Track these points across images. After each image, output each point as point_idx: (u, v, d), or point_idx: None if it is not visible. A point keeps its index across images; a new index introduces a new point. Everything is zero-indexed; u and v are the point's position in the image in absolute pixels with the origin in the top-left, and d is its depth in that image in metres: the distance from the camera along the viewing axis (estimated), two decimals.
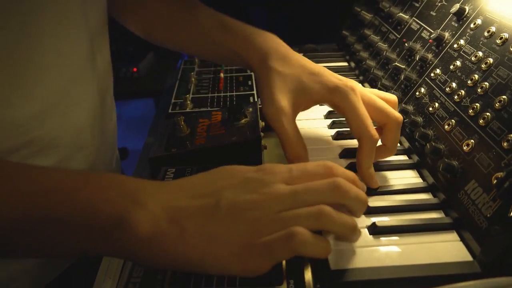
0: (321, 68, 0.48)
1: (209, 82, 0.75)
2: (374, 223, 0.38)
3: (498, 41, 0.42)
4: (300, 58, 0.49)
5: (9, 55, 0.38)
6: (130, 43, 1.88)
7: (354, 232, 0.34)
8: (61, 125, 0.44)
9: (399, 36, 0.62)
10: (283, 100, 0.45)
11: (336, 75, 0.48)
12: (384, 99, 0.46)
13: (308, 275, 0.35)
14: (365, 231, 0.39)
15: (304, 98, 0.46)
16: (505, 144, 0.36)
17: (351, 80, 0.46)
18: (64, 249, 0.33)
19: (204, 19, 0.55)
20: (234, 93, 0.70)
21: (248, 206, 0.32)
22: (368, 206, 0.40)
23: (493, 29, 0.44)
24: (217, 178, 0.35)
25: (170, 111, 0.67)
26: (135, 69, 1.73)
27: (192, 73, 0.77)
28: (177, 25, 0.58)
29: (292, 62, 0.47)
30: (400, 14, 0.62)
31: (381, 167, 0.47)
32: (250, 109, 0.62)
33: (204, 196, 0.33)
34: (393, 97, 0.47)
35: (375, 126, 0.45)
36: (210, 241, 0.31)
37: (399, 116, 0.45)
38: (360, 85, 0.47)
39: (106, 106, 0.54)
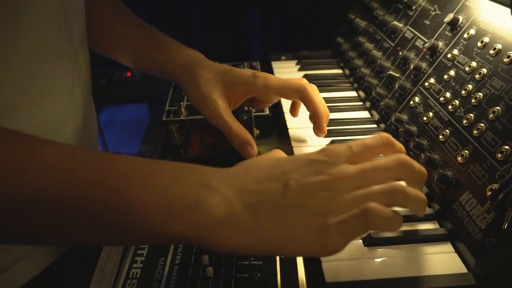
0: (234, 68, 0.55)
1: None
2: (369, 234, 0.38)
3: (492, 52, 0.42)
4: (217, 64, 0.55)
5: None
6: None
7: (425, 207, 0.34)
8: (41, 116, 0.44)
9: (393, 44, 0.62)
10: (216, 98, 0.51)
11: (247, 69, 0.55)
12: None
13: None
14: (360, 242, 0.38)
15: (232, 92, 0.52)
16: (499, 156, 0.36)
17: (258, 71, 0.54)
18: (136, 234, 0.32)
19: (139, 35, 0.60)
20: None
21: (318, 187, 0.32)
22: None
23: (486, 39, 0.44)
24: (281, 161, 0.35)
25: (164, 118, 0.67)
26: (129, 74, 1.72)
27: None
28: (115, 37, 0.61)
29: (212, 67, 0.54)
30: (394, 22, 0.62)
31: None
32: (245, 117, 0.62)
33: (272, 179, 0.33)
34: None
35: None
36: (284, 224, 0.31)
37: (302, 83, 0.52)
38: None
39: (87, 104, 0.55)
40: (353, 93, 0.68)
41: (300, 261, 0.38)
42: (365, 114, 0.62)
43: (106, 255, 0.43)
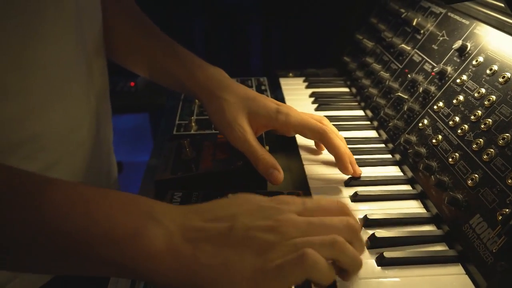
0: (258, 93, 0.56)
1: None
2: (382, 254, 0.39)
3: (501, 80, 0.44)
4: (241, 87, 0.55)
5: (10, 53, 0.39)
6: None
7: (359, 268, 0.35)
8: (57, 120, 0.46)
9: (401, 66, 0.64)
10: (242, 124, 0.51)
11: (270, 99, 0.56)
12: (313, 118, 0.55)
13: None
14: (372, 262, 0.39)
15: (255, 121, 0.53)
16: (509, 181, 0.37)
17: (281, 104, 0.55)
18: (76, 263, 0.33)
19: (159, 50, 0.60)
20: None
21: (263, 231, 0.33)
22: (376, 237, 0.41)
23: (495, 67, 0.46)
24: (232, 204, 0.36)
25: (174, 132, 0.68)
26: (132, 84, 1.74)
27: None
28: (136, 51, 0.62)
29: (235, 91, 0.54)
30: (402, 45, 0.64)
31: (385, 196, 0.48)
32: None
33: (220, 220, 0.34)
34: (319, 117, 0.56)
35: None
36: (224, 264, 0.32)
37: (321, 126, 0.53)
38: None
39: (102, 109, 0.56)
40: (361, 112, 0.70)
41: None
42: (373, 133, 0.63)
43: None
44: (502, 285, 0.34)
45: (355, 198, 0.48)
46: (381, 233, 0.42)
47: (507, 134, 0.40)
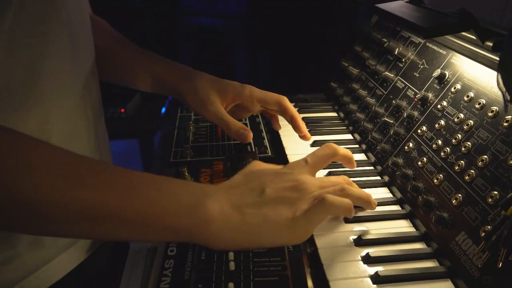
0: (222, 79, 0.65)
1: (206, 130, 0.79)
2: (376, 273, 0.42)
3: (477, 106, 0.48)
4: (208, 75, 0.65)
5: (22, 67, 0.45)
6: (116, 85, 1.93)
7: (369, 201, 0.49)
8: (58, 130, 0.51)
9: (385, 93, 0.68)
10: (214, 100, 0.61)
11: (234, 82, 0.65)
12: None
13: None
14: (368, 280, 0.42)
15: (224, 98, 0.63)
16: (489, 200, 0.41)
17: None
18: (150, 229, 0.41)
19: (136, 56, 0.69)
20: (232, 142, 0.73)
21: (287, 190, 0.44)
22: (369, 256, 0.44)
23: (471, 94, 0.50)
24: (256, 176, 0.47)
25: (171, 159, 0.70)
26: (122, 110, 1.76)
27: (190, 121, 0.81)
28: (113, 60, 0.70)
29: (205, 76, 0.64)
30: (386, 73, 0.68)
31: (376, 217, 0.51)
32: (251, 159, 0.66)
33: (252, 189, 0.45)
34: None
35: None
36: (264, 220, 0.42)
37: (279, 96, 0.64)
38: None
39: (98, 121, 0.62)
40: (349, 136, 0.73)
41: None
42: (361, 156, 0.67)
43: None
44: None
45: (348, 219, 0.50)
46: (375, 252, 0.44)
47: (485, 156, 0.44)
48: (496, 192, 0.40)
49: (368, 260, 0.44)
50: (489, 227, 0.39)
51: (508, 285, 0.36)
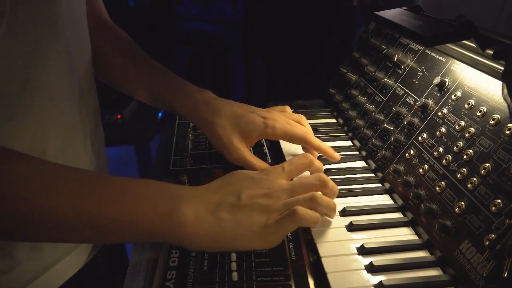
0: (244, 108, 0.64)
1: (205, 138, 0.78)
2: (381, 282, 0.41)
3: (478, 114, 0.48)
4: (227, 107, 0.63)
5: (17, 75, 0.45)
6: (113, 91, 1.92)
7: (334, 212, 0.51)
8: (55, 137, 0.52)
9: (385, 99, 0.68)
10: (238, 145, 0.61)
11: (257, 111, 0.64)
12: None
13: None
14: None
15: (246, 137, 0.62)
16: (493, 209, 0.41)
17: (264, 110, 0.65)
18: (126, 233, 0.44)
19: (153, 79, 0.68)
20: None
21: (261, 197, 0.46)
22: (373, 265, 0.44)
23: (472, 102, 0.50)
24: (233, 181, 0.49)
25: (171, 168, 0.70)
26: (119, 116, 1.75)
27: (189, 129, 0.81)
28: (132, 81, 0.70)
29: (225, 113, 0.62)
30: (385, 79, 0.68)
31: (378, 224, 0.51)
32: None
33: (228, 194, 0.47)
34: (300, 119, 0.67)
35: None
36: (238, 225, 0.45)
37: (302, 133, 0.63)
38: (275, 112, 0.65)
39: (94, 128, 0.62)
40: (349, 143, 0.73)
41: None
42: (361, 163, 0.67)
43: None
44: None
45: (351, 227, 0.50)
46: (378, 261, 0.44)
47: (487, 164, 0.44)
48: (499, 201, 0.40)
49: (372, 269, 0.44)
50: (493, 235, 0.39)
51: None
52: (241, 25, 2.04)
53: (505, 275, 0.36)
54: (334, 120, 0.82)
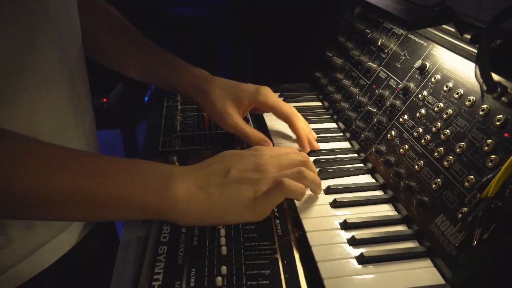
0: (238, 83, 0.67)
1: (193, 120, 0.80)
2: (362, 254, 0.44)
3: (455, 96, 0.50)
4: (222, 79, 0.66)
5: (8, 58, 0.46)
6: (98, 74, 1.90)
7: (319, 186, 0.54)
8: (49, 120, 0.52)
9: (369, 82, 0.70)
10: (231, 112, 0.63)
11: (249, 84, 0.67)
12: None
13: None
14: (354, 261, 0.44)
15: (240, 105, 0.64)
16: (466, 184, 0.43)
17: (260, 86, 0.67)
18: (120, 209, 0.45)
19: (149, 56, 0.70)
20: (219, 131, 0.75)
21: (250, 171, 0.49)
22: (355, 238, 0.46)
23: (450, 84, 0.52)
24: (222, 159, 0.51)
25: (160, 149, 0.71)
26: (105, 100, 1.74)
27: (177, 111, 0.82)
28: (128, 58, 0.71)
29: (219, 83, 0.65)
30: (369, 63, 0.70)
31: (360, 202, 0.54)
32: (239, 147, 0.68)
33: (218, 171, 0.49)
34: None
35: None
36: (228, 199, 0.47)
37: (289, 110, 0.65)
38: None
39: (85, 109, 0.63)
40: (333, 125, 0.75)
41: (303, 281, 0.43)
42: (346, 144, 0.69)
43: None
44: (464, 273, 0.39)
45: (335, 204, 0.53)
46: (360, 234, 0.47)
47: (462, 143, 0.46)
48: (472, 177, 0.43)
49: (354, 242, 0.46)
50: (466, 209, 0.41)
51: (481, 261, 0.38)
52: (228, 9, 2.03)
53: (474, 243, 0.38)
54: (319, 103, 0.84)
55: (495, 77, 0.43)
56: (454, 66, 0.53)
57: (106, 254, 0.68)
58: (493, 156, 0.42)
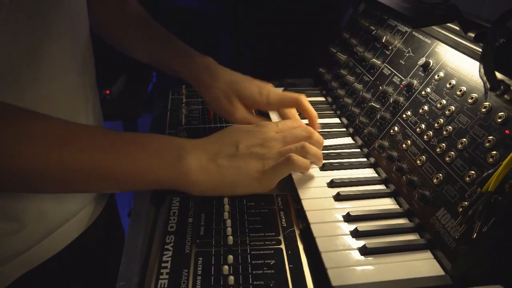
0: (242, 76, 0.67)
1: (198, 113, 0.81)
2: (364, 245, 0.45)
3: (458, 93, 0.51)
4: (227, 73, 0.66)
5: (23, 46, 0.47)
6: (101, 66, 1.90)
7: (320, 159, 0.57)
8: (62, 107, 0.54)
9: (372, 79, 0.71)
10: (237, 105, 0.64)
11: (254, 81, 0.67)
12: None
13: None
14: (356, 252, 0.46)
15: (243, 101, 0.65)
16: (467, 179, 0.45)
17: (262, 81, 0.68)
18: (136, 181, 0.48)
19: (158, 42, 0.71)
20: (224, 124, 0.76)
21: (257, 146, 0.52)
22: (357, 230, 0.48)
23: (453, 82, 0.53)
24: (231, 133, 0.54)
25: None
26: (107, 92, 1.74)
27: (182, 104, 0.83)
28: (137, 42, 0.73)
29: (224, 77, 0.65)
30: (373, 60, 0.71)
31: (363, 195, 0.55)
32: None
33: (227, 145, 0.52)
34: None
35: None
36: (237, 171, 0.50)
37: (296, 96, 0.66)
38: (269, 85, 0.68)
39: (95, 98, 0.65)
40: (337, 120, 0.76)
41: (307, 270, 0.44)
42: (348, 139, 0.70)
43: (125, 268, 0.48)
44: (463, 265, 0.41)
45: (338, 197, 0.54)
46: (362, 227, 0.48)
47: (464, 139, 0.48)
48: (473, 172, 0.44)
49: (356, 234, 0.48)
50: (466, 203, 0.43)
51: (480, 253, 0.40)
52: (229, 2, 2.03)
53: (474, 236, 0.40)
54: (323, 99, 0.85)
55: (498, 75, 0.44)
56: (458, 64, 0.54)
57: (111, 241, 0.70)
58: (494, 152, 0.43)
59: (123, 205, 1.11)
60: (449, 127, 0.50)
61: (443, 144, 0.50)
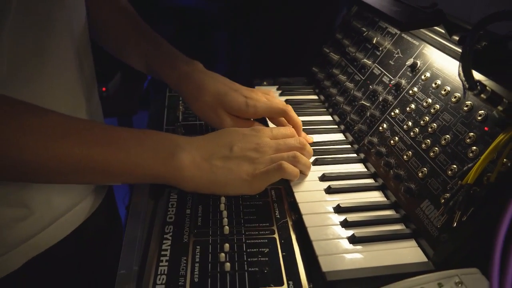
0: (228, 86, 0.65)
1: None
2: (353, 234, 0.48)
3: (443, 92, 0.54)
4: (212, 85, 0.63)
5: (29, 44, 0.48)
6: (97, 63, 1.91)
7: (309, 169, 0.59)
8: (62, 104, 0.55)
9: (363, 78, 0.74)
10: (225, 118, 0.63)
11: (240, 90, 0.65)
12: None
13: (303, 277, 0.44)
14: (346, 241, 0.48)
15: (230, 112, 0.64)
16: (449, 173, 0.48)
17: (247, 89, 0.66)
18: (131, 175, 0.50)
19: (145, 45, 0.70)
20: None
21: (251, 150, 0.54)
22: (347, 221, 0.51)
23: (439, 82, 0.56)
24: (226, 135, 0.56)
25: None
26: (104, 89, 1.76)
27: (180, 101, 0.85)
28: (125, 45, 0.73)
29: (211, 90, 0.63)
30: (364, 60, 0.74)
31: (353, 188, 0.58)
32: None
33: (221, 146, 0.53)
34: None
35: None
36: (229, 172, 0.52)
37: (283, 107, 0.65)
38: (254, 90, 0.68)
39: (93, 96, 0.66)
40: (329, 117, 0.79)
41: (299, 258, 0.47)
42: (340, 136, 0.73)
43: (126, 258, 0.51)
44: (445, 251, 0.44)
45: (329, 190, 0.57)
46: (351, 217, 0.51)
47: (447, 136, 0.51)
48: (455, 166, 0.48)
49: (346, 224, 0.51)
50: (448, 195, 0.46)
51: (460, 240, 0.43)
52: (226, 1, 2.05)
53: (454, 225, 0.43)
54: (316, 97, 0.88)
55: (477, 75, 0.47)
56: (443, 65, 0.57)
57: (110, 230, 0.72)
58: (474, 147, 0.46)
59: (120, 198, 1.14)
60: (434, 124, 0.53)
61: (428, 140, 0.53)
